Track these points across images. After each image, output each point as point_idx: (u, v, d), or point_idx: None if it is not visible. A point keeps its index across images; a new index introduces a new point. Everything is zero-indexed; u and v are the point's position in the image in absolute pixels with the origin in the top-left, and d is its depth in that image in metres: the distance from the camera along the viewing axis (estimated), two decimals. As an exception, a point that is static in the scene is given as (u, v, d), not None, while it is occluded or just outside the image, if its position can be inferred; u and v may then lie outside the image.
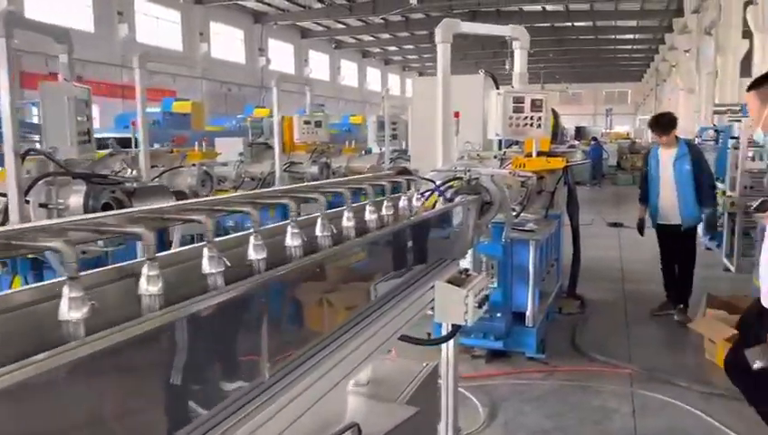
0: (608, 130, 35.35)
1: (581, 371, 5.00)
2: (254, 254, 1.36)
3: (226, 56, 29.76)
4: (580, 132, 29.91)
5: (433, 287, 2.26)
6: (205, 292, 1.18)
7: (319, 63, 37.04)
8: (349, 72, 40.76)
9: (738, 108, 10.08)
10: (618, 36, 34.31)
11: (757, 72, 14.17)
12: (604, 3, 27.46)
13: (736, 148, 8.36)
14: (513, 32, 5.43)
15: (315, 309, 1.65)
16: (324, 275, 1.68)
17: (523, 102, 5.15)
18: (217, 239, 1.35)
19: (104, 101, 22.96)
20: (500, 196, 3.50)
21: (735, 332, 4.48)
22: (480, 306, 2.33)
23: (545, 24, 30.70)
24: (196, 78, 27.49)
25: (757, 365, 2.77)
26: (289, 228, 1.51)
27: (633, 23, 31.04)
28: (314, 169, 7.33)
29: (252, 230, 1.38)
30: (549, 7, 28.52)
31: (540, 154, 5.30)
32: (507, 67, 34.06)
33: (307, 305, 1.62)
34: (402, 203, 2.24)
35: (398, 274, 2.12)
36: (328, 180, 3.81)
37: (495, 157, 5.46)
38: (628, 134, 34.27)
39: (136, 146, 10.58)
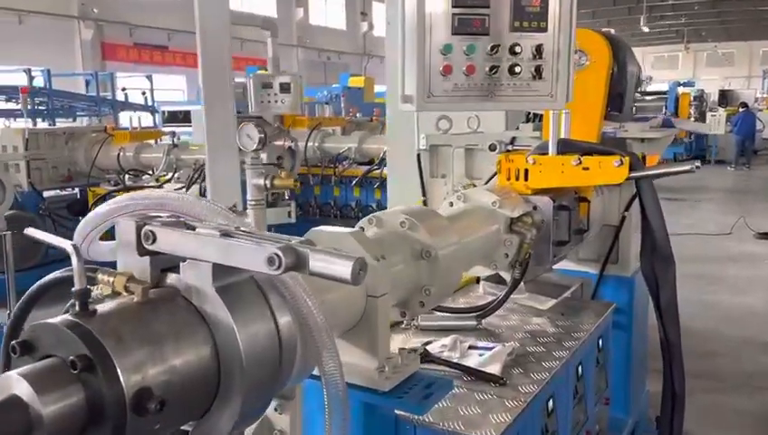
0: (764, 95, 29.62)
1: None
2: None
3: (325, 22, 28.19)
4: (725, 97, 24.92)
5: None
6: None
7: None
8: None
9: None
10: (781, -18, 28.67)
11: None
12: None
13: None
14: None
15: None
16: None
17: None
18: None
19: (191, 72, 22.17)
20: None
21: None
22: None
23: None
24: (292, 46, 26.19)
25: None
26: None
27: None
28: (263, 156, 4.89)
29: None
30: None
31: (569, 147, 2.32)
32: (641, 25, 29.94)
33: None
34: None
35: None
36: None
37: (493, 148, 2.82)
38: (791, 99, 28.70)
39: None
